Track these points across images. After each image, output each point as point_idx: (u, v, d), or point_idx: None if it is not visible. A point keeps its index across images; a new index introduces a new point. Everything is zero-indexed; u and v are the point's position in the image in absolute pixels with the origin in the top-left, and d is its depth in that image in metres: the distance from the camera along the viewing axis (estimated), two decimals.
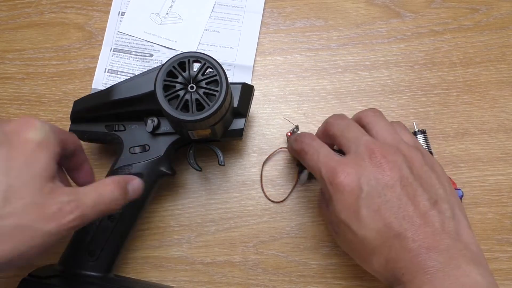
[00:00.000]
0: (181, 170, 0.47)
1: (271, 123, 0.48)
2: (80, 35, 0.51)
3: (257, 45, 0.51)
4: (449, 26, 0.51)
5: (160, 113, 0.39)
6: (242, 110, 0.41)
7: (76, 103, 0.42)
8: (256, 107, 0.49)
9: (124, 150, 0.40)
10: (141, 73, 0.39)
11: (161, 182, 0.42)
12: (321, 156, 0.35)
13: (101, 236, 0.38)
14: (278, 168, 0.47)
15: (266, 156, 0.47)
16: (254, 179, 0.47)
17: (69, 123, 0.45)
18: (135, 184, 0.35)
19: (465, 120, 0.48)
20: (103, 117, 0.41)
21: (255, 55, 0.50)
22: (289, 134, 0.45)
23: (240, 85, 0.40)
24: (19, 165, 0.27)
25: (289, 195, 0.46)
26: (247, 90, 0.41)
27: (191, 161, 0.42)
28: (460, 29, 0.51)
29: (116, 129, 0.41)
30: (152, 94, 0.36)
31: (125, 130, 0.41)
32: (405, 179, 0.32)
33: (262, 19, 0.51)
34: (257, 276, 0.44)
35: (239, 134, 0.42)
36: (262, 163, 0.47)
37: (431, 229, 0.31)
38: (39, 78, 0.50)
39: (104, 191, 0.31)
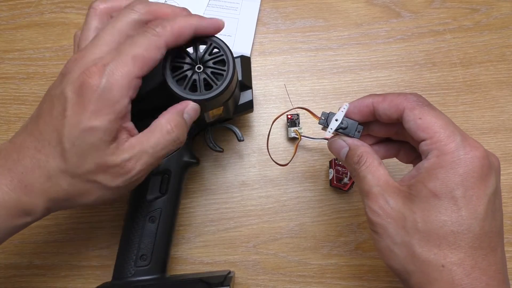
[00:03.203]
0: None
1: (271, 123, 0.48)
2: None
3: (255, 37, 0.51)
4: (449, 26, 0.51)
5: (170, 106, 0.39)
6: (247, 81, 0.41)
7: None
8: (256, 107, 0.49)
9: None
10: None
11: (188, 173, 0.42)
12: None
13: (148, 240, 0.38)
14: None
15: (266, 156, 0.47)
16: (254, 179, 0.47)
17: None
18: (190, 110, 0.34)
19: (465, 120, 0.48)
20: None
21: (253, 44, 0.50)
22: (289, 117, 0.47)
23: (239, 58, 0.41)
24: (77, 136, 0.29)
25: (292, 158, 0.44)
26: (246, 62, 0.42)
27: (211, 144, 0.42)
28: (460, 29, 0.51)
29: None
30: (159, 88, 0.36)
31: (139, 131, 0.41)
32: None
33: (259, 7, 0.51)
34: (257, 276, 0.44)
35: (250, 106, 0.42)
36: (266, 141, 0.47)
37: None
38: (39, 78, 0.50)
39: (162, 137, 0.32)
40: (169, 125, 0.32)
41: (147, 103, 0.38)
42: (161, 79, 0.36)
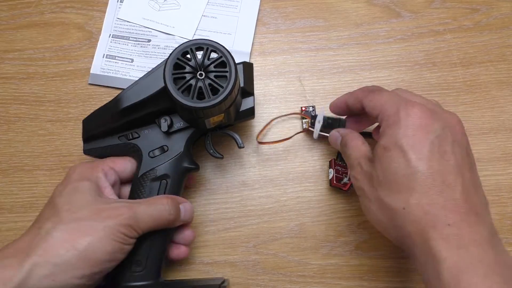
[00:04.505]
0: None
1: (271, 123, 0.48)
2: (80, 35, 0.51)
3: (255, 37, 0.51)
4: (449, 26, 0.51)
5: (170, 110, 0.39)
6: (249, 88, 0.41)
7: (86, 121, 0.42)
8: (256, 107, 0.48)
9: (143, 156, 0.40)
10: (145, 75, 0.38)
11: (187, 179, 0.42)
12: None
13: (144, 245, 0.38)
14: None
15: (267, 156, 0.47)
16: (254, 179, 0.47)
17: (69, 124, 0.45)
18: (187, 205, 0.39)
19: (465, 120, 0.48)
20: (114, 129, 0.41)
21: (253, 42, 0.50)
22: (303, 109, 0.48)
23: (242, 64, 0.40)
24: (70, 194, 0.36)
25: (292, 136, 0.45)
26: (248, 68, 0.41)
27: (211, 151, 0.42)
28: (460, 29, 0.51)
29: (131, 137, 0.41)
30: (160, 93, 0.36)
31: (139, 136, 0.40)
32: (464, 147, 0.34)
33: (259, 5, 0.51)
34: (257, 276, 0.44)
35: (251, 113, 0.42)
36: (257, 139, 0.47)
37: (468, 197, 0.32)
38: (39, 78, 0.50)
39: (156, 201, 0.37)
40: (165, 198, 0.38)
41: (151, 106, 0.39)
42: (163, 83, 0.36)
